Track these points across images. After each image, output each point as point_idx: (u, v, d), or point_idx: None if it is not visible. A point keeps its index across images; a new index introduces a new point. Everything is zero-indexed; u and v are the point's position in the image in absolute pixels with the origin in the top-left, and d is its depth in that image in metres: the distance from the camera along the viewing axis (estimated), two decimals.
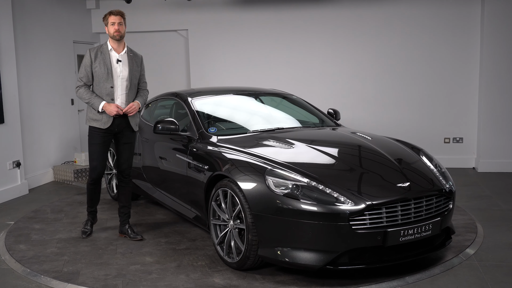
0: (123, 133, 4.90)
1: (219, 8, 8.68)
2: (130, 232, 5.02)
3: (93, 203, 5.16)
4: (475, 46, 8.08)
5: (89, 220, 5.20)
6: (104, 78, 4.73)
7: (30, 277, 4.18)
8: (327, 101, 8.10)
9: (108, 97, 4.75)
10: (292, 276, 4.02)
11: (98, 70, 4.73)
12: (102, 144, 4.84)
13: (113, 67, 4.75)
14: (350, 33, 8.40)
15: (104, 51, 4.78)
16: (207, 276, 4.08)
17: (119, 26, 4.77)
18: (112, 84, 4.75)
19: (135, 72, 4.87)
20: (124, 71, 4.79)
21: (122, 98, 4.80)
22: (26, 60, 7.30)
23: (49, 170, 7.84)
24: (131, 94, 4.86)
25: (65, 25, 8.26)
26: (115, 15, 4.81)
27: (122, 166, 5.00)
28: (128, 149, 4.98)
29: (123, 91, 4.80)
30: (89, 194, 5.10)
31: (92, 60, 4.75)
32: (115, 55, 4.79)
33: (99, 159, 4.87)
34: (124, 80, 4.80)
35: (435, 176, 4.31)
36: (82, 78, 4.79)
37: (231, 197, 4.13)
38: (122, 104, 4.80)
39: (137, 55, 4.98)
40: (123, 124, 4.86)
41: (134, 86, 4.88)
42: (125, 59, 4.82)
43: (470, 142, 8.25)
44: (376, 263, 3.83)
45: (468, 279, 3.98)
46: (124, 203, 5.09)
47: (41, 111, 7.61)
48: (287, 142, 4.60)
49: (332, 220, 3.70)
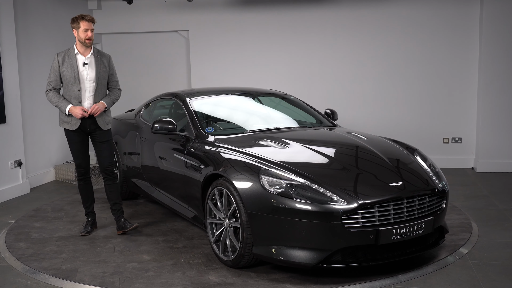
0: (96, 133, 5.06)
1: (220, 9, 8.74)
2: (126, 224, 5.15)
3: (88, 202, 5.28)
4: (474, 46, 8.11)
5: (89, 221, 5.29)
6: (72, 82, 4.87)
7: (29, 274, 4.26)
8: (327, 101, 8.16)
9: (76, 100, 4.90)
10: (286, 274, 4.07)
11: (66, 74, 4.88)
12: (79, 142, 5.05)
13: (80, 71, 4.88)
14: (349, 33, 8.44)
15: (71, 55, 4.90)
16: (202, 274, 4.14)
17: (92, 33, 4.87)
18: (79, 87, 4.88)
19: (102, 73, 4.98)
20: (91, 74, 4.91)
21: (90, 100, 4.95)
22: (28, 60, 7.38)
23: (51, 169, 7.92)
24: (99, 95, 4.99)
25: (66, 26, 8.32)
26: (88, 21, 4.88)
27: (103, 164, 5.13)
28: (106, 148, 5.12)
29: (90, 93, 4.94)
30: (81, 191, 5.26)
31: (60, 65, 4.89)
32: (81, 59, 4.90)
33: (80, 156, 5.09)
34: (91, 82, 4.92)
35: (429, 175, 4.36)
36: (51, 82, 4.95)
37: (227, 196, 4.19)
38: (90, 105, 4.94)
39: (105, 55, 5.07)
40: (94, 125, 5.00)
41: (102, 87, 5.02)
42: (92, 61, 4.93)
43: (469, 142, 8.28)
44: (369, 261, 3.88)
45: (461, 277, 4.03)
46: (115, 200, 5.20)
47: (42, 110, 7.69)
48: (282, 142, 4.65)
49: (325, 219, 3.75)
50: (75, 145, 5.05)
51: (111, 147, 5.23)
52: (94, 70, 4.93)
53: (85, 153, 5.13)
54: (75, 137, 5.03)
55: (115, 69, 5.19)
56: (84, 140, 5.09)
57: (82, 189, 5.25)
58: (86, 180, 5.23)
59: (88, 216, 5.31)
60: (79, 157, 5.09)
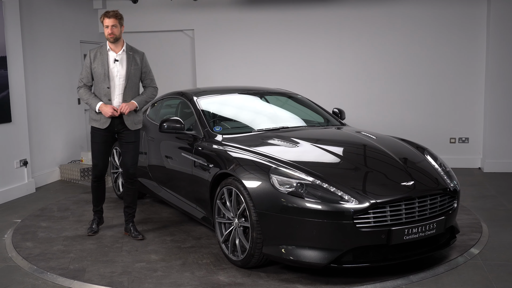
0: (123, 133, 4.93)
1: (225, 8, 8.71)
2: (132, 231, 5.04)
3: (98, 201, 5.19)
4: (480, 46, 8.06)
5: (95, 220, 5.22)
6: (102, 79, 4.79)
7: (37, 274, 4.22)
8: (332, 101, 8.11)
9: (105, 97, 4.80)
10: (296, 274, 4.03)
11: (97, 71, 4.80)
12: (103, 143, 4.92)
13: (110, 68, 4.78)
14: (355, 33, 8.41)
15: (103, 52, 4.83)
16: (212, 274, 4.10)
17: (112, 29, 4.75)
18: (108, 85, 4.78)
19: (133, 71, 4.86)
20: (121, 71, 4.81)
21: (120, 98, 4.83)
22: (33, 60, 7.36)
23: (56, 169, 7.90)
24: (129, 94, 4.86)
25: (72, 25, 8.32)
26: (109, 18, 4.78)
27: (125, 165, 5.01)
28: (131, 149, 4.97)
29: (120, 91, 4.82)
30: (93, 192, 5.16)
31: (91, 61, 4.82)
32: (112, 55, 4.82)
33: (100, 157, 4.96)
34: (121, 79, 4.81)
35: (440, 175, 4.32)
36: (83, 79, 4.88)
37: (236, 195, 4.15)
38: (120, 104, 4.82)
39: (138, 52, 4.96)
40: (121, 124, 4.89)
41: (133, 85, 4.89)
42: (123, 58, 4.83)
43: (476, 142, 8.23)
44: (381, 261, 3.84)
45: (473, 278, 3.99)
46: (129, 204, 5.09)
47: (48, 110, 7.67)
48: (292, 141, 4.61)
49: (336, 218, 3.71)
50: (97, 145, 4.93)
51: (137, 149, 5.04)
52: (125, 68, 4.82)
53: (106, 155, 5.02)
54: (99, 137, 4.90)
55: (149, 66, 5.05)
56: (108, 141, 4.97)
57: (95, 189, 5.15)
58: (100, 182, 5.12)
59: (96, 214, 5.24)
60: (99, 157, 4.96)
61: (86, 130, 8.70)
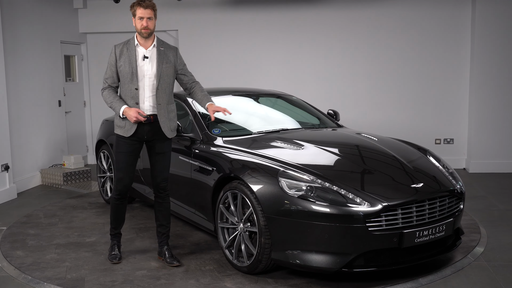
0: (155, 142, 4.23)
1: (210, 8, 8.58)
2: (167, 256, 4.34)
3: (118, 223, 4.44)
4: (465, 47, 8.15)
5: (115, 244, 4.49)
6: (129, 79, 4.09)
7: (32, 285, 4.02)
8: (320, 102, 8.05)
9: (132, 100, 4.11)
10: (305, 280, 3.95)
11: (123, 69, 4.10)
12: (129, 153, 4.21)
13: (139, 66, 4.09)
14: (342, 34, 8.39)
15: (130, 47, 4.12)
16: (217, 280, 3.98)
17: (148, 22, 4.05)
18: (137, 86, 4.09)
19: (165, 69, 4.14)
20: (151, 69, 4.12)
21: (150, 101, 4.13)
22: (14, 61, 7.06)
23: (37, 173, 7.62)
24: (162, 96, 4.15)
25: (52, 25, 8.05)
26: (145, 8, 4.04)
27: (156, 179, 4.32)
28: (162, 160, 4.29)
29: (150, 92, 4.12)
30: (114, 211, 4.39)
31: (117, 58, 4.13)
32: (141, 51, 4.12)
33: (126, 170, 4.24)
34: (152, 79, 4.12)
35: (445, 176, 4.30)
36: (107, 79, 4.19)
37: (242, 199, 4.04)
38: (151, 108, 4.14)
39: (170, 48, 4.25)
40: (154, 131, 4.19)
41: (166, 85, 4.17)
42: (154, 55, 4.13)
43: (461, 143, 8.32)
44: (392, 265, 3.79)
45: (481, 279, 3.98)
46: (162, 222, 4.41)
47: (29, 112, 7.38)
48: (295, 143, 4.53)
49: (348, 222, 3.64)
50: (123, 155, 4.22)
51: (169, 160, 4.34)
52: (155, 65, 4.11)
53: (132, 167, 4.27)
54: (125, 147, 4.19)
55: (183, 60, 4.36)
56: (135, 151, 4.24)
57: (116, 208, 4.38)
58: (123, 200, 4.36)
59: (114, 237, 4.50)
60: (124, 170, 4.23)
61: (67, 133, 8.44)
